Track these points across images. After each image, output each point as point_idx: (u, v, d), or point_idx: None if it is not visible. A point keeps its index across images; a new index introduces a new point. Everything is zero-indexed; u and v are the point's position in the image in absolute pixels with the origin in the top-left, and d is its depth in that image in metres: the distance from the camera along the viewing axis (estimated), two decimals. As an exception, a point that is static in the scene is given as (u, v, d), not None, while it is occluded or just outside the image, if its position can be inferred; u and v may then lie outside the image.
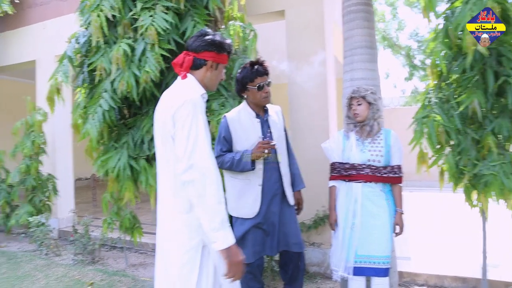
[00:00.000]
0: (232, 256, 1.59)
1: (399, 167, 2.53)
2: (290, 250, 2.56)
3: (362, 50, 2.94)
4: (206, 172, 1.60)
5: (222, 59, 1.85)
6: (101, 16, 3.07)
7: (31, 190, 5.29)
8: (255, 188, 2.48)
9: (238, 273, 1.61)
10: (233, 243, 1.60)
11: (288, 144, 2.73)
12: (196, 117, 1.65)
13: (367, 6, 3.00)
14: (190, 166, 1.60)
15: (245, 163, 2.41)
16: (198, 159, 1.61)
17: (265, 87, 2.50)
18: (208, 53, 1.81)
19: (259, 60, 2.55)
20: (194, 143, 1.62)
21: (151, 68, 2.96)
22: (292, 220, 2.60)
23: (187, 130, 1.63)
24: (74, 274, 4.05)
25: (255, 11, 4.28)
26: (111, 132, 3.50)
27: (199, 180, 1.59)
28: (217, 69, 1.86)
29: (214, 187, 1.60)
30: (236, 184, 2.53)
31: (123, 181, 3.32)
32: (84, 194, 9.43)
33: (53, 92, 3.51)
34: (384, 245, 2.46)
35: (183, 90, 1.75)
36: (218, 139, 2.57)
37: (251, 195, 2.49)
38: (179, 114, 1.66)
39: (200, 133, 1.64)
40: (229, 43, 1.89)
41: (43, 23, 6.06)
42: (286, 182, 2.57)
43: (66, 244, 5.35)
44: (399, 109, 12.77)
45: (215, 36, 1.84)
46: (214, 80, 1.88)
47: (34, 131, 5.29)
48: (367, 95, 2.51)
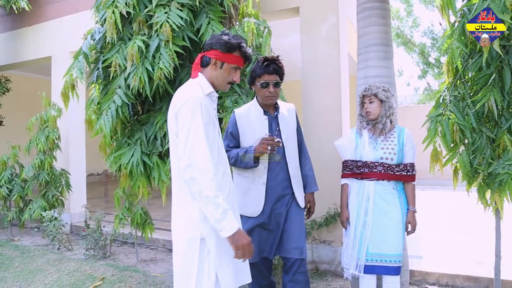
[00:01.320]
0: (238, 240, 1.70)
1: (412, 165, 2.51)
2: (288, 256, 2.41)
3: (377, 47, 2.92)
4: (205, 170, 1.69)
5: (227, 58, 1.86)
6: (116, 12, 3.10)
7: (45, 185, 5.36)
8: (259, 187, 2.40)
9: (247, 253, 1.73)
10: (237, 229, 1.71)
11: (302, 144, 2.63)
12: (197, 116, 1.73)
13: (383, 3, 2.97)
14: (189, 165, 1.70)
15: (248, 159, 2.32)
16: (196, 158, 1.70)
17: (270, 87, 2.37)
18: (213, 51, 1.87)
19: (275, 57, 2.41)
20: (193, 143, 1.71)
21: (165, 64, 2.98)
22: (297, 223, 2.45)
23: (187, 129, 1.72)
24: (85, 268, 4.10)
25: (269, 8, 4.28)
26: (125, 128, 3.53)
27: (198, 178, 1.69)
28: (222, 68, 1.87)
29: (213, 182, 1.69)
30: (242, 182, 2.45)
31: (136, 177, 3.35)
32: (96, 190, 9.55)
33: (68, 88, 3.55)
34: (396, 243, 2.45)
35: (189, 89, 1.83)
36: (225, 135, 2.49)
37: (255, 194, 2.40)
38: (180, 113, 1.75)
39: (200, 133, 1.72)
40: (238, 44, 1.87)
41: (60, 20, 6.14)
42: (295, 183, 2.46)
43: (78, 239, 5.42)
44: (412, 107, 12.66)
45: (225, 36, 1.88)
46: (220, 80, 1.89)
47: (48, 127, 5.36)
48: (379, 92, 2.50)
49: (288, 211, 2.45)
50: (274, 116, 2.48)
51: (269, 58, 2.41)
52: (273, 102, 2.44)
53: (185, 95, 1.78)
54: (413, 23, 18.69)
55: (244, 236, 1.73)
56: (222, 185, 1.87)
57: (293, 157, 2.49)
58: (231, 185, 1.98)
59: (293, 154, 2.50)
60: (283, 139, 2.44)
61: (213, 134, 1.84)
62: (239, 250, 1.71)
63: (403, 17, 18.65)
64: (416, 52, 19.00)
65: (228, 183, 1.94)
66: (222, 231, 1.70)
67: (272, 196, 2.41)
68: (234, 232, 1.70)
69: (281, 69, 2.42)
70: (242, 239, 1.71)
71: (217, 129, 1.92)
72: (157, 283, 3.67)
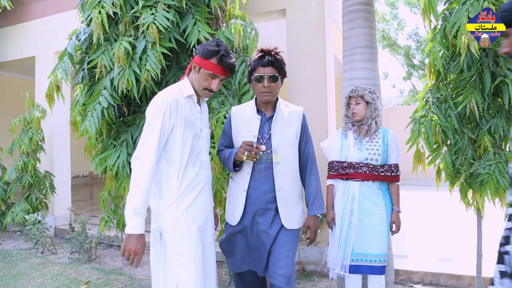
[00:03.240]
0: (128, 243, 1.76)
1: (396, 166, 2.56)
2: (274, 283, 2.07)
3: (362, 49, 2.97)
4: (144, 164, 1.78)
5: (203, 64, 1.91)
6: (102, 13, 3.08)
7: (28, 188, 5.27)
8: (240, 193, 2.16)
9: (131, 260, 1.78)
10: (136, 233, 1.76)
11: (308, 157, 2.26)
12: (159, 116, 1.82)
13: (368, 6, 3.02)
14: (136, 156, 1.81)
15: (229, 162, 2.15)
16: (143, 151, 1.80)
17: (264, 81, 2.06)
18: (196, 56, 1.96)
19: (272, 48, 2.12)
20: (146, 137, 1.81)
21: (152, 66, 2.97)
22: (286, 248, 2.11)
23: (146, 125, 1.83)
24: (70, 272, 4.04)
25: (256, 9, 4.30)
26: (110, 130, 3.50)
27: (137, 170, 1.79)
28: (199, 73, 1.93)
29: (144, 178, 1.77)
30: (231, 185, 2.28)
31: (122, 179, 3.32)
32: (81, 192, 9.42)
33: (53, 89, 3.50)
34: (380, 243, 2.48)
35: (166, 90, 1.93)
36: (222, 132, 2.33)
37: (236, 200, 2.18)
38: (148, 110, 1.87)
39: (155, 131, 1.81)
40: (216, 51, 1.90)
41: (44, 19, 6.04)
42: (281, 198, 2.12)
43: (62, 242, 5.34)
44: (397, 108, 12.84)
45: (211, 42, 1.96)
46: (196, 84, 1.96)
47: (32, 128, 5.27)
48: (365, 94, 2.53)
49: (278, 234, 2.13)
50: (268, 117, 2.18)
51: (264, 49, 2.13)
52: (269, 99, 2.12)
53: (158, 96, 1.88)
54: (398, 26, 18.98)
55: (136, 244, 1.76)
56: (190, 186, 1.92)
57: (284, 168, 2.14)
58: (205, 188, 2.02)
59: (285, 165, 2.14)
60: (272, 145, 2.12)
61: (185, 134, 1.89)
62: (125, 251, 1.76)
63: (388, 19, 18.93)
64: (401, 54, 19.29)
65: (200, 185, 1.97)
66: (126, 226, 1.78)
67: (253, 207, 2.13)
68: (131, 234, 1.75)
69: (279, 61, 2.11)
70: (133, 244, 1.75)
71: (195, 131, 1.95)
72: (143, 286, 3.64)
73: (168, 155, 1.89)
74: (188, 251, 1.86)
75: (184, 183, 1.90)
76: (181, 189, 1.89)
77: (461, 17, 2.42)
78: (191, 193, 1.92)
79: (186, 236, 1.88)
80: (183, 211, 1.89)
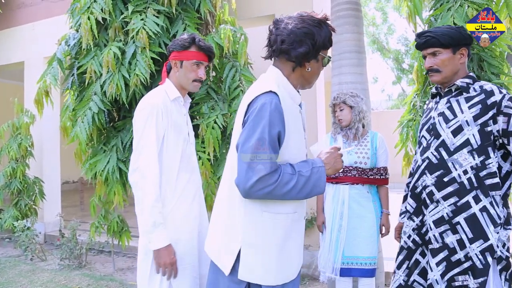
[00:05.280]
0: (161, 257, 1.69)
1: (385, 169, 2.59)
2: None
3: (350, 54, 3.01)
4: (147, 176, 1.69)
5: (184, 56, 1.84)
6: (92, 18, 3.08)
7: (17, 194, 5.21)
8: (301, 225, 1.50)
9: (168, 273, 1.71)
10: (163, 245, 1.68)
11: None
12: (150, 123, 1.73)
13: (356, 12, 3.07)
14: (135, 169, 1.71)
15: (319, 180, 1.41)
16: (142, 163, 1.70)
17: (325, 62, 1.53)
18: (172, 54, 1.87)
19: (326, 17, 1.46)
20: (142, 148, 1.72)
21: (141, 71, 2.97)
22: None
23: (139, 134, 1.74)
24: (60, 279, 4.00)
25: (246, 15, 4.32)
26: (100, 135, 3.49)
27: (139, 183, 1.70)
28: (182, 67, 1.85)
29: (152, 190, 1.68)
30: (277, 225, 1.41)
31: (112, 184, 3.31)
32: (71, 198, 9.32)
33: (42, 94, 3.49)
34: (370, 246, 2.51)
35: (151, 95, 1.84)
36: (263, 140, 1.32)
37: (297, 240, 1.48)
38: (136, 119, 1.78)
39: (150, 140, 1.72)
40: (191, 39, 1.84)
41: (32, 24, 6.01)
42: None
43: (52, 248, 5.27)
44: (386, 112, 12.96)
45: (177, 38, 1.89)
46: (184, 79, 1.86)
47: (21, 134, 5.23)
48: (347, 99, 2.56)
49: None
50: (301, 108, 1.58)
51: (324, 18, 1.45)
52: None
53: (144, 102, 1.80)
54: (388, 30, 19.18)
55: (170, 255, 1.70)
56: (184, 192, 1.85)
57: None
58: (198, 192, 1.95)
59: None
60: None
61: (176, 139, 1.82)
62: (160, 267, 1.70)
63: (378, 24, 19.13)
64: (391, 58, 19.49)
65: (193, 191, 1.90)
66: (150, 243, 1.70)
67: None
68: (160, 248, 1.68)
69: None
70: (165, 257, 1.69)
71: (184, 135, 1.88)
72: (134, 291, 3.63)
73: (160, 163, 1.78)
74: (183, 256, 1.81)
75: (178, 190, 1.83)
76: (175, 196, 1.82)
77: (447, 22, 2.46)
78: (186, 200, 1.85)
79: (184, 243, 1.82)
80: (181, 218, 1.82)
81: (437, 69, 1.79)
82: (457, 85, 1.77)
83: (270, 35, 1.46)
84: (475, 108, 1.69)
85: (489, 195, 1.65)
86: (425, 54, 1.83)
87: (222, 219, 1.49)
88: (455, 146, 1.70)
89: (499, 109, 1.65)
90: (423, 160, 1.82)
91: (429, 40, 1.77)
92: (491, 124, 1.66)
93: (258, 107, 1.34)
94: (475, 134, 1.67)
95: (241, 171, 1.33)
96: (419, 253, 1.87)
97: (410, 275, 1.90)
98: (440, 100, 1.84)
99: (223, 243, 1.45)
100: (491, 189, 1.66)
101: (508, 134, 1.65)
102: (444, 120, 1.77)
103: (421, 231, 1.85)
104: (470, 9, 2.39)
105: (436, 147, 1.77)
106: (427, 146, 1.82)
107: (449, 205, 1.69)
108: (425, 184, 1.79)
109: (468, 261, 1.64)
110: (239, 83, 3.15)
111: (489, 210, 1.64)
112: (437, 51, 1.77)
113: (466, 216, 1.66)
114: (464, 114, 1.71)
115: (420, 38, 1.82)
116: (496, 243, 1.64)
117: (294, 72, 1.47)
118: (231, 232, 1.43)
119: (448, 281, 1.68)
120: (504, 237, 1.68)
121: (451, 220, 1.68)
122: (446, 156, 1.72)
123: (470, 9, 2.39)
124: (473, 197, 1.65)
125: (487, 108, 1.67)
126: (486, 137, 1.66)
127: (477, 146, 1.67)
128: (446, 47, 1.75)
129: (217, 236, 1.50)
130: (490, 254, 1.63)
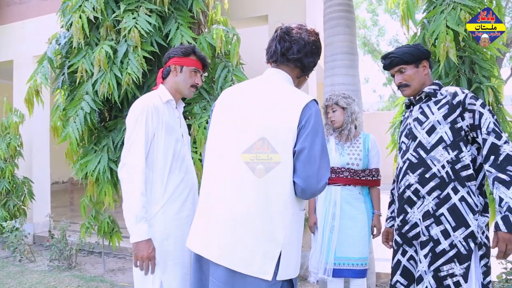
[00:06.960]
0: (139, 250, 1.74)
1: (377, 170, 2.60)
2: None
3: (343, 56, 3.02)
4: (133, 172, 1.76)
5: (185, 62, 1.96)
6: (83, 17, 3.05)
7: (5, 194, 5.14)
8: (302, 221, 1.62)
9: (145, 267, 1.75)
10: (143, 239, 1.73)
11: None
12: (140, 123, 1.81)
13: (349, 13, 3.08)
14: (123, 165, 1.79)
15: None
16: (129, 159, 1.79)
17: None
18: (172, 59, 1.97)
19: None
20: (131, 145, 1.80)
21: (133, 70, 2.95)
22: None
23: (129, 133, 1.82)
24: (49, 280, 3.95)
25: (238, 15, 4.31)
26: (91, 135, 3.46)
27: (126, 178, 1.77)
28: (182, 72, 1.96)
29: (137, 184, 1.75)
30: (303, 219, 1.59)
31: (103, 184, 3.28)
32: (61, 198, 9.22)
33: (32, 93, 3.45)
34: (362, 247, 2.51)
35: (143, 97, 1.92)
36: (325, 144, 1.47)
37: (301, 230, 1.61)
38: (128, 119, 1.87)
39: (139, 139, 1.80)
40: (192, 48, 1.99)
41: (22, 22, 5.94)
42: None
43: (41, 249, 5.22)
44: (378, 113, 13.04)
45: (178, 46, 2.02)
46: (183, 83, 1.97)
47: (10, 133, 5.16)
48: (339, 100, 2.57)
49: None
50: None
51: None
52: None
53: (137, 103, 1.88)
54: (379, 32, 19.32)
55: (148, 249, 1.74)
56: (176, 191, 1.89)
57: None
58: (192, 192, 1.98)
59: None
60: None
61: (167, 140, 1.88)
62: (137, 260, 1.75)
63: (369, 26, 19.25)
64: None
65: (186, 190, 1.94)
66: (131, 235, 1.75)
67: None
68: (139, 241, 1.73)
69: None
70: (143, 251, 1.73)
71: (176, 135, 1.93)
72: (125, 293, 3.60)
73: (150, 162, 1.86)
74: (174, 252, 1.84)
75: (169, 189, 1.87)
76: (166, 195, 1.86)
77: (440, 25, 2.49)
78: (177, 199, 1.89)
79: (174, 239, 1.85)
80: (172, 217, 1.86)
81: (406, 84, 1.97)
82: (425, 92, 1.94)
83: (284, 42, 1.56)
84: (444, 108, 1.86)
85: (466, 186, 1.81)
86: (392, 73, 2.02)
87: (250, 228, 1.42)
88: (431, 144, 1.85)
89: (464, 107, 1.81)
90: (404, 162, 1.96)
91: (393, 60, 1.97)
92: (459, 121, 1.82)
93: (313, 114, 1.43)
94: (447, 131, 1.83)
95: (311, 173, 1.40)
96: (400, 253, 1.99)
97: (393, 275, 2.01)
98: (413, 108, 2.01)
99: (259, 249, 1.41)
100: (467, 180, 1.81)
101: (475, 127, 1.80)
102: (418, 123, 1.93)
103: (402, 230, 1.95)
104: (463, 12, 2.42)
105: (414, 148, 1.91)
106: (407, 149, 1.97)
107: (433, 199, 1.83)
108: (408, 183, 1.91)
109: (454, 249, 1.76)
110: (232, 83, 3.14)
111: (467, 199, 1.79)
112: (402, 68, 1.96)
113: (448, 206, 1.79)
114: (435, 115, 1.87)
115: (385, 60, 2.02)
116: (477, 229, 1.77)
117: (299, 79, 1.60)
118: (271, 237, 1.41)
119: (435, 271, 1.79)
120: (482, 223, 1.81)
121: (435, 213, 1.82)
122: (424, 154, 1.87)
123: (462, 12, 2.42)
124: (452, 188, 1.80)
125: (454, 107, 1.83)
126: (456, 133, 1.82)
127: (450, 142, 1.82)
128: (409, 63, 1.95)
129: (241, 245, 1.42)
130: (472, 240, 1.76)
